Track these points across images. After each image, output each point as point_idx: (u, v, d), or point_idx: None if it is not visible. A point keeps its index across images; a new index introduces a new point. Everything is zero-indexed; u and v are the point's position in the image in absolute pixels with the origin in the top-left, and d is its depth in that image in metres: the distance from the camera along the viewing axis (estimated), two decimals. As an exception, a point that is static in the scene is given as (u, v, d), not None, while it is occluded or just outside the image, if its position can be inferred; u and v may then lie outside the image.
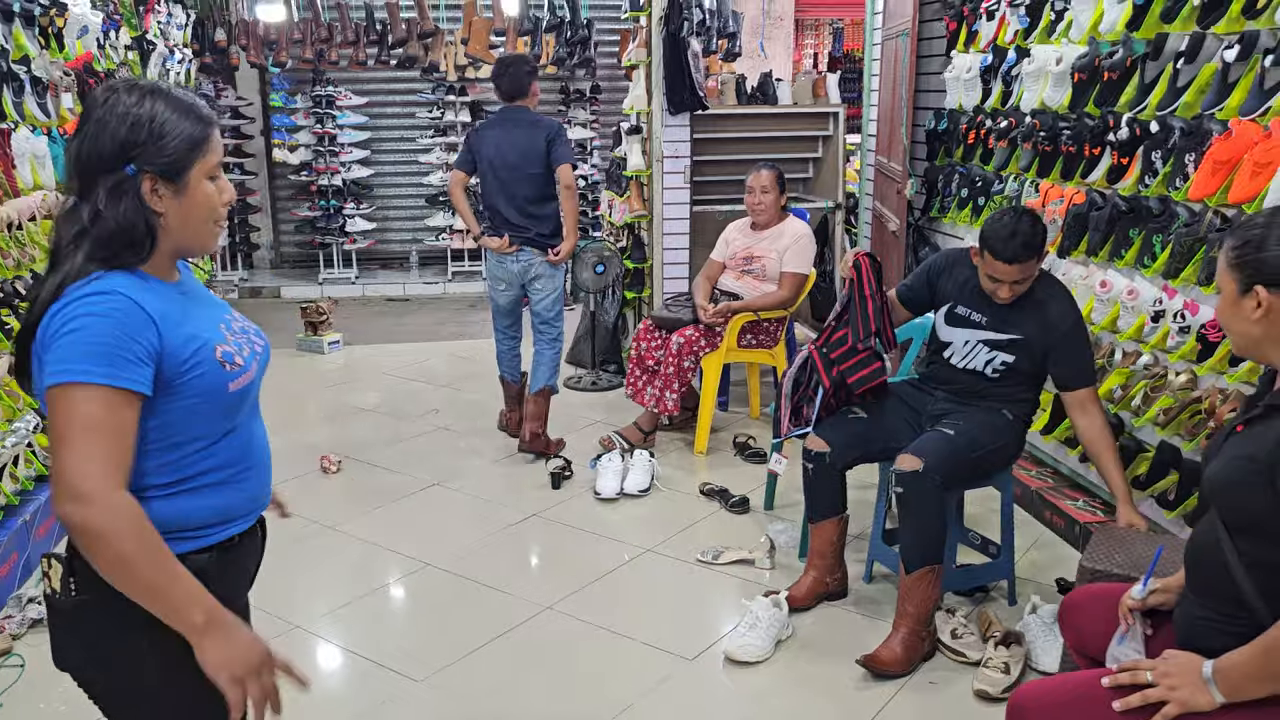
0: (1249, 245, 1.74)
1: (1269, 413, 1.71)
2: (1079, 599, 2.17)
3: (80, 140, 1.57)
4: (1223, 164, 3.03)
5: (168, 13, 6.36)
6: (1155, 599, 1.95)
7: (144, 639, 1.59)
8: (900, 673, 2.98)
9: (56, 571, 1.62)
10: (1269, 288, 1.70)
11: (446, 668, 3.07)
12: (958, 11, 4.77)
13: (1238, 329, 1.79)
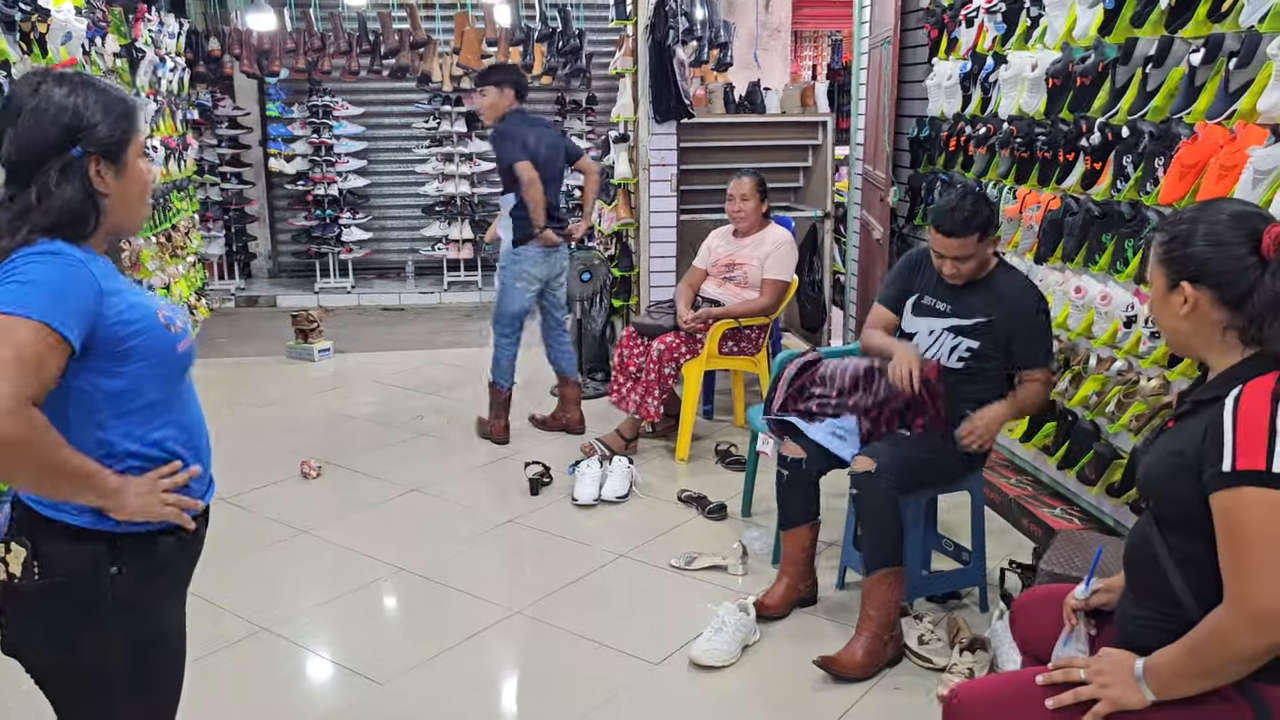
0: (1176, 240, 1.73)
1: (1196, 408, 1.70)
2: (1028, 600, 2.16)
3: (18, 130, 1.63)
4: (1190, 168, 3.03)
5: (159, 21, 6.40)
6: (1098, 599, 1.93)
7: (113, 619, 1.68)
8: (860, 676, 2.96)
9: (17, 556, 1.65)
10: (1194, 284, 1.70)
11: (411, 670, 3.06)
12: (938, 19, 4.77)
13: (1168, 324, 1.78)
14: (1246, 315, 1.66)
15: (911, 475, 3.05)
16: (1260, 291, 1.64)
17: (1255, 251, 1.65)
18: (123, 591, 1.69)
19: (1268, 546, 1.53)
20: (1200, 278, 1.69)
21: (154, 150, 5.95)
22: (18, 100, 1.64)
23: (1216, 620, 1.60)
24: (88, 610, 1.67)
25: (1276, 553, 1.53)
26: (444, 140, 9.13)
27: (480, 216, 9.23)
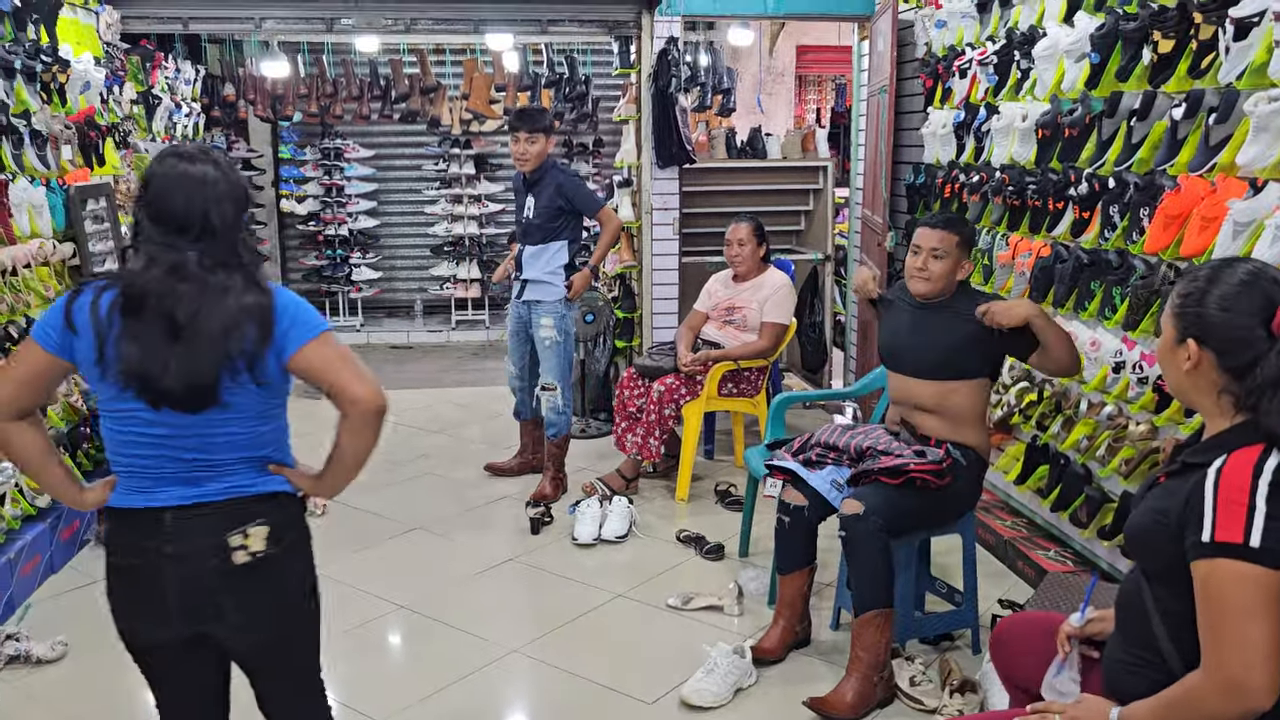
0: (1190, 298, 1.75)
1: (1185, 469, 1.74)
2: (1008, 628, 2.20)
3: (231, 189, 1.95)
4: (1174, 218, 3.11)
5: (175, 68, 6.56)
6: (1093, 627, 1.97)
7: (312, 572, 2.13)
8: (849, 717, 2.99)
9: (258, 534, 1.97)
10: (1200, 343, 1.73)
11: (408, 708, 3.11)
12: (933, 69, 4.89)
13: (1171, 376, 1.82)
14: (1246, 386, 1.68)
15: (900, 518, 3.10)
16: (1264, 366, 1.65)
17: (1266, 324, 1.67)
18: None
19: (1241, 618, 1.57)
20: (1206, 339, 1.72)
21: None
22: (218, 167, 1.95)
23: (1191, 683, 1.64)
24: (309, 566, 2.12)
25: (1248, 625, 1.56)
26: (453, 182, 9.29)
27: (488, 257, 9.36)
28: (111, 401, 1.92)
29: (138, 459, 1.95)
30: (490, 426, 6.24)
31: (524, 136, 4.68)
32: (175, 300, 1.86)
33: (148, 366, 1.85)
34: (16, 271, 4.04)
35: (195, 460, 1.94)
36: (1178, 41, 3.08)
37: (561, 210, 4.75)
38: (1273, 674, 1.57)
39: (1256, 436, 1.66)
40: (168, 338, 1.85)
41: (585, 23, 6.17)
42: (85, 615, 3.71)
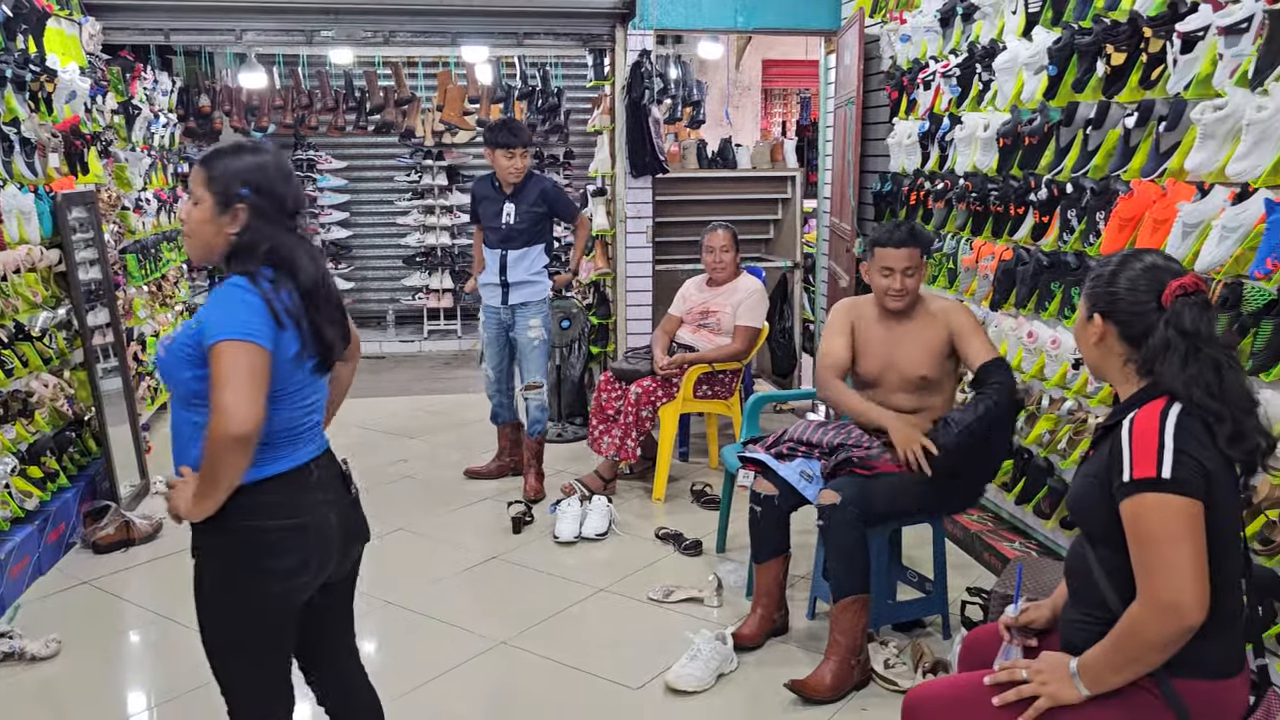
0: (1100, 278, 1.98)
1: (1105, 434, 1.93)
2: (978, 636, 2.34)
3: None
4: (1128, 221, 3.28)
5: (154, 79, 6.62)
6: (1026, 616, 2.14)
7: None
8: (828, 699, 3.13)
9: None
10: (1105, 318, 1.95)
11: (400, 698, 3.20)
12: (898, 81, 5.07)
13: (1083, 350, 2.05)
14: (1142, 353, 1.91)
15: (876, 508, 3.25)
16: (1155, 335, 1.88)
17: (1156, 300, 1.90)
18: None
19: (1166, 544, 1.75)
20: (1109, 313, 1.95)
21: (147, 203, 6.13)
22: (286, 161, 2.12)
23: (1131, 615, 1.81)
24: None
25: (1173, 550, 1.75)
26: (425, 193, 9.38)
27: (460, 267, 9.45)
28: (296, 379, 2.05)
29: (297, 426, 2.09)
30: (464, 432, 6.34)
31: (519, 152, 4.89)
32: (325, 276, 2.09)
33: (336, 338, 2.10)
34: (5, 277, 4.10)
35: (319, 416, 2.18)
36: (1129, 55, 3.26)
37: (542, 215, 4.96)
38: (1201, 591, 1.74)
39: (1158, 393, 1.87)
40: (338, 311, 2.13)
41: (560, 36, 6.31)
42: (76, 614, 3.79)
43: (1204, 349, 1.84)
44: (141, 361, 5.76)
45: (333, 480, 2.17)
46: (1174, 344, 1.84)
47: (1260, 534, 2.77)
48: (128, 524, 4.41)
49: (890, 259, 3.39)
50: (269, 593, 2.07)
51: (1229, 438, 1.81)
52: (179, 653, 3.51)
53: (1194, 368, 1.83)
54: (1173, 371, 1.84)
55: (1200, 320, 1.85)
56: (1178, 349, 1.84)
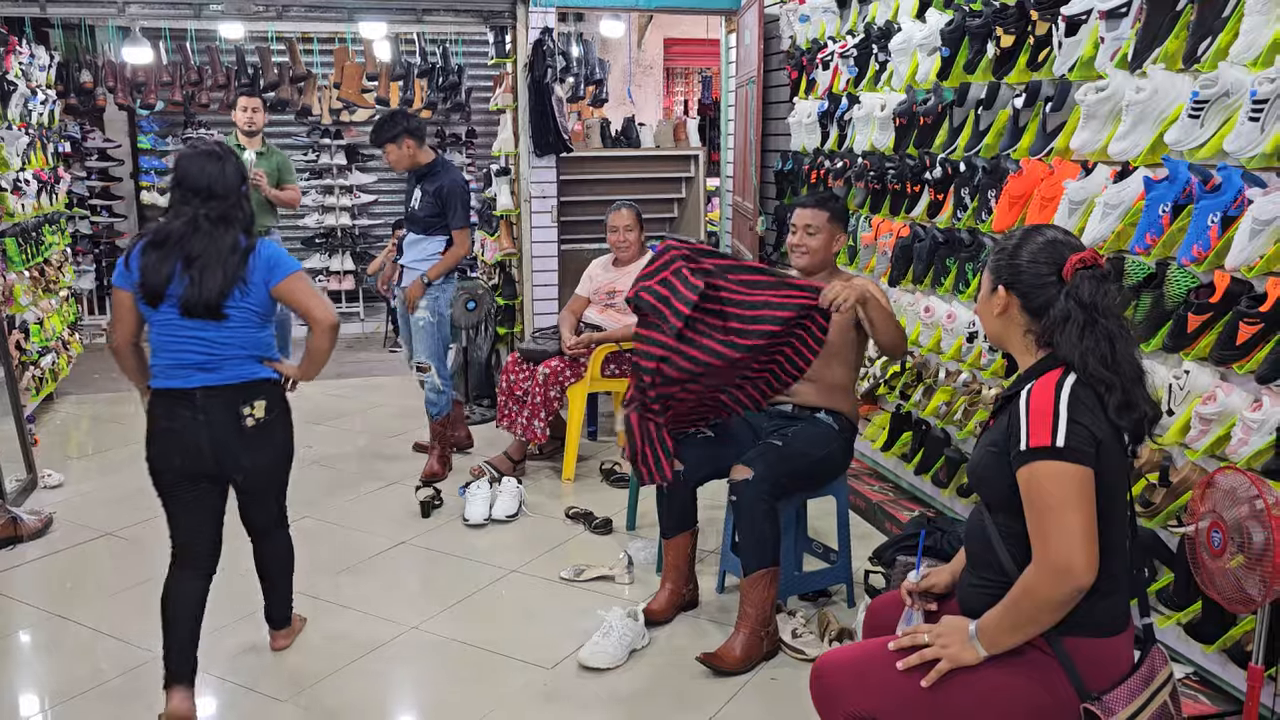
0: (1004, 252, 2.05)
1: (1004, 405, 2.01)
2: (881, 604, 2.40)
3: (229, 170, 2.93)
4: (1017, 198, 3.40)
5: (29, 54, 6.31)
6: (927, 581, 2.21)
7: (291, 431, 3.14)
8: (739, 670, 3.20)
9: (261, 405, 2.97)
10: (1008, 289, 2.02)
11: (313, 686, 3.17)
12: (798, 61, 5.14)
13: (986, 322, 2.11)
14: (1043, 324, 1.98)
15: (785, 480, 3.32)
16: (1056, 307, 1.95)
17: (1057, 273, 1.97)
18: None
19: (1059, 510, 1.83)
20: (1013, 285, 2.01)
21: (27, 184, 5.86)
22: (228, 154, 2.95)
23: (1026, 578, 1.88)
24: (287, 421, 3.10)
25: (1064, 515, 1.83)
26: (324, 173, 9.17)
27: (362, 248, 9.28)
28: (155, 315, 2.89)
29: (175, 354, 2.90)
30: (371, 416, 6.25)
31: (389, 147, 4.94)
32: (190, 242, 2.84)
33: (171, 288, 2.84)
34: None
35: (212, 355, 2.90)
36: (1018, 37, 3.37)
37: (439, 212, 4.96)
38: (1091, 554, 1.83)
39: (1055, 364, 1.95)
40: (185, 267, 2.82)
41: (461, 13, 6.22)
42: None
43: (1100, 320, 1.91)
44: (25, 350, 5.53)
45: (224, 412, 2.94)
46: (1073, 315, 1.91)
47: (1142, 496, 2.91)
48: (14, 520, 4.24)
49: (797, 217, 3.58)
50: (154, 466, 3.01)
51: (1118, 406, 1.89)
52: (72, 652, 3.41)
53: (1090, 339, 1.90)
54: (1070, 342, 1.91)
55: (1097, 292, 1.92)
56: (1076, 320, 1.91)
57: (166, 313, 2.86)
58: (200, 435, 2.91)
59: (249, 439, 2.95)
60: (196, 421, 2.90)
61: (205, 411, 2.90)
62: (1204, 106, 2.61)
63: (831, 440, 3.47)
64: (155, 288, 2.84)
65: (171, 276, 2.83)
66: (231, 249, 2.86)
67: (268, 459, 3.07)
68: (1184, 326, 2.72)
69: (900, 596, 2.24)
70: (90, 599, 3.78)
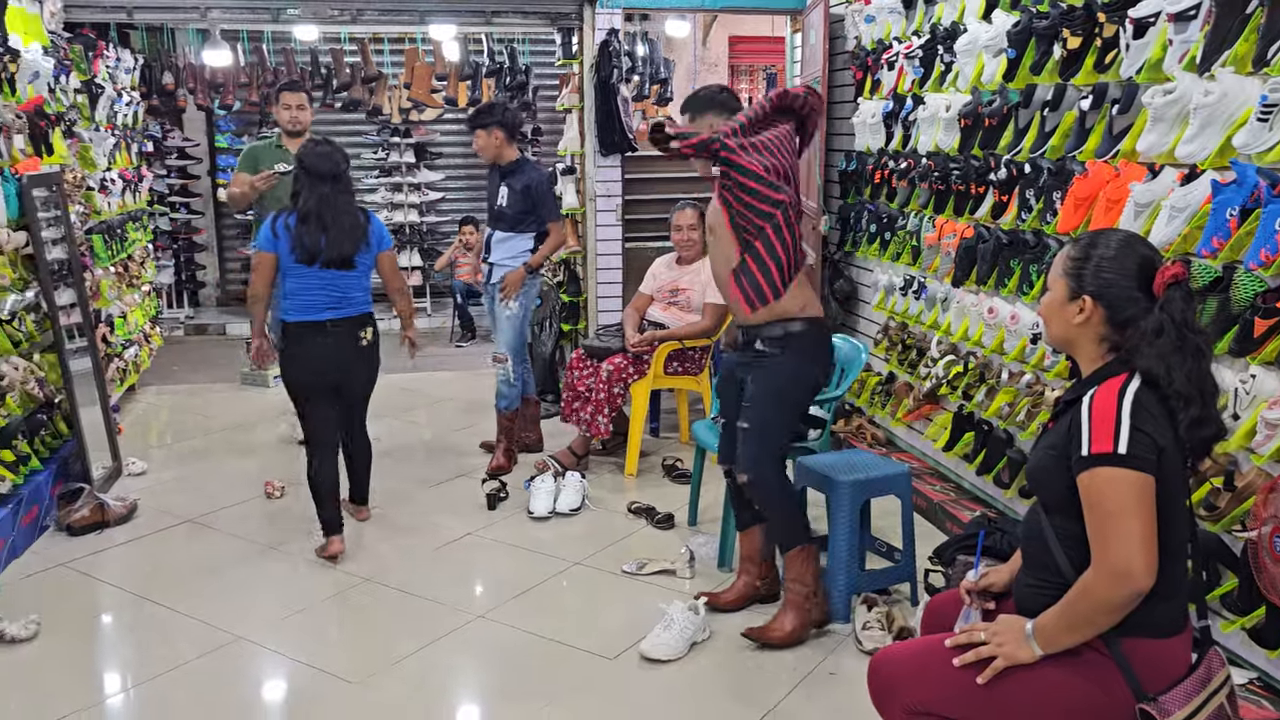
0: (1086, 261, 2.03)
1: (1066, 408, 2.03)
2: (940, 602, 2.43)
3: (342, 157, 4.15)
4: (1083, 200, 3.39)
5: (116, 57, 6.55)
6: (986, 580, 2.24)
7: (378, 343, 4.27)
8: (787, 644, 3.31)
9: (370, 331, 4.16)
10: (1095, 300, 2.01)
11: (381, 671, 3.28)
12: (863, 61, 5.14)
13: (1058, 328, 2.10)
14: (1128, 336, 1.97)
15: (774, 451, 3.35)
16: (1147, 321, 1.94)
17: (1144, 287, 1.97)
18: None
19: (1119, 516, 1.85)
20: (1099, 296, 2.00)
21: (112, 183, 6.10)
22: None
23: (1084, 580, 1.91)
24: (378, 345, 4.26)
25: (1125, 520, 1.85)
26: (393, 170, 9.36)
27: (429, 245, 9.45)
28: (298, 266, 3.98)
29: (312, 296, 4.01)
30: (438, 410, 6.39)
31: (479, 133, 5.05)
32: (327, 214, 3.97)
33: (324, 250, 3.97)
34: (-26, 260, 4.09)
35: (341, 296, 4.05)
36: (1084, 39, 3.36)
37: (528, 209, 5.05)
38: (1151, 559, 1.85)
39: (1120, 369, 1.96)
40: (326, 231, 3.96)
41: (529, 14, 6.32)
42: (53, 596, 3.82)
43: (1189, 336, 1.92)
44: (110, 343, 5.75)
45: (345, 336, 4.10)
46: (1166, 330, 1.91)
47: (1205, 500, 2.90)
48: (102, 506, 4.44)
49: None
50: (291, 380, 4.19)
51: (1192, 422, 1.90)
52: (156, 634, 3.56)
53: (1178, 355, 1.90)
54: (1158, 356, 1.91)
55: (1188, 308, 1.94)
56: (1169, 335, 1.91)
57: (310, 266, 3.95)
58: (329, 353, 4.05)
59: (362, 354, 4.13)
60: (326, 344, 4.03)
61: (333, 336, 4.04)
62: (1273, 110, 2.59)
63: (783, 371, 3.30)
64: (311, 249, 3.93)
65: (319, 240, 3.92)
66: (357, 217, 4.06)
67: (371, 369, 4.23)
68: (1250, 331, 2.71)
69: (959, 595, 2.28)
70: (172, 583, 3.94)
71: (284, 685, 3.26)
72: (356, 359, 4.13)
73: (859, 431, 5.25)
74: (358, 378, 4.19)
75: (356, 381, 4.20)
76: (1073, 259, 2.06)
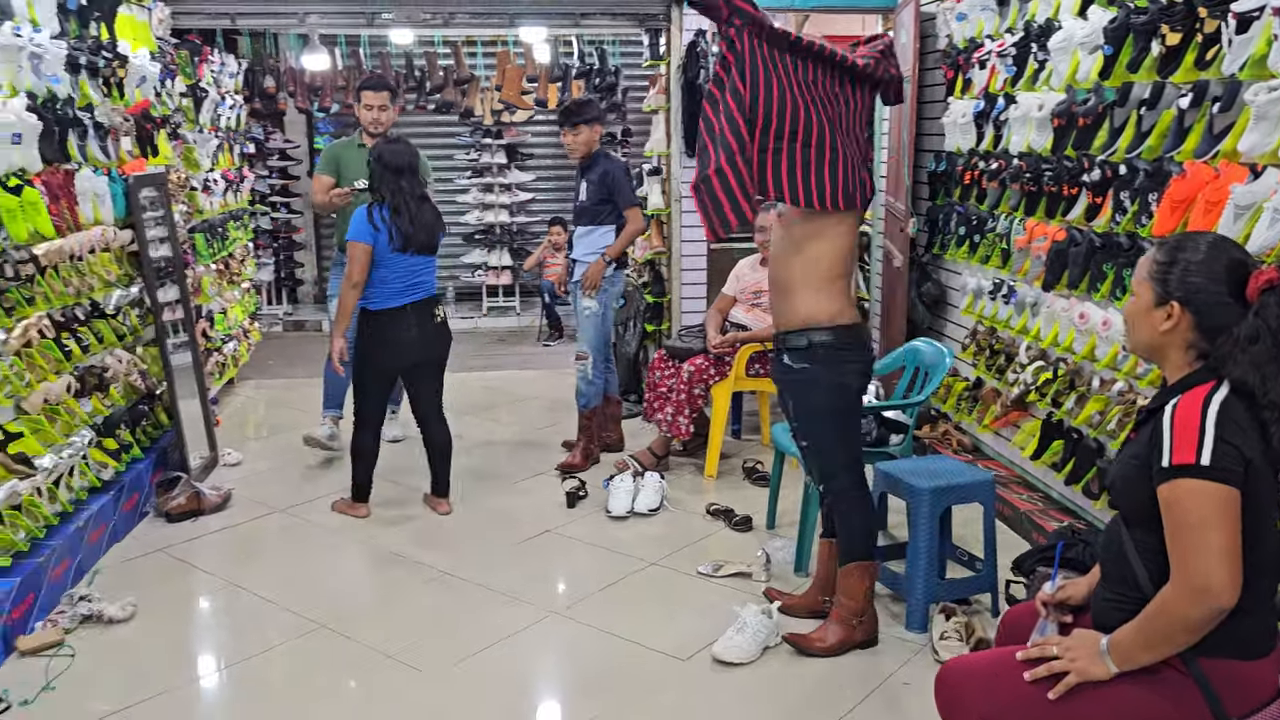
0: (1173, 265, 1.95)
1: (1148, 416, 1.95)
2: (1017, 613, 2.37)
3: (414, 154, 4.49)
4: (1180, 203, 3.26)
5: (220, 62, 6.79)
6: (1063, 593, 2.17)
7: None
8: (826, 654, 3.28)
9: (442, 310, 4.54)
10: (1183, 305, 1.93)
11: (455, 663, 3.33)
12: (954, 60, 5.04)
13: (1143, 334, 2.02)
14: (1218, 343, 1.89)
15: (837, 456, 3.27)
16: (1240, 327, 1.86)
17: (1235, 293, 1.89)
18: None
19: (1200, 529, 1.78)
20: (1188, 301, 1.93)
21: (215, 183, 6.32)
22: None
23: (1163, 595, 1.84)
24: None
25: (1206, 534, 1.77)
26: (485, 171, 9.51)
27: (519, 244, 9.57)
28: (391, 255, 4.27)
29: (398, 283, 4.32)
30: (522, 408, 6.46)
31: (567, 130, 5.06)
32: (413, 205, 4.32)
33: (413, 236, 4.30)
34: (82, 256, 4.28)
35: (420, 280, 4.39)
36: (1184, 34, 3.23)
37: (606, 197, 5.04)
38: (1233, 575, 1.77)
39: (1207, 378, 1.88)
40: (412, 221, 4.30)
41: (617, 16, 6.35)
42: (150, 579, 3.97)
43: None
44: (210, 337, 5.96)
45: (425, 317, 4.44)
46: (1261, 338, 1.83)
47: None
48: (198, 494, 4.60)
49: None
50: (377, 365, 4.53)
51: None
52: (247, 619, 3.68)
53: (1275, 364, 1.82)
54: (1251, 365, 1.84)
55: None
56: (1265, 343, 1.83)
57: (404, 254, 4.29)
58: (412, 333, 4.36)
59: (439, 332, 4.49)
60: (409, 327, 4.35)
61: (415, 317, 4.36)
62: (1385, 107, 2.46)
63: (815, 386, 3.16)
64: (407, 236, 4.26)
65: (410, 228, 4.26)
66: (434, 206, 4.46)
67: (446, 346, 4.57)
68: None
69: (1035, 607, 2.21)
70: (263, 570, 4.07)
71: (362, 673, 3.33)
72: (435, 338, 4.45)
73: (945, 438, 5.14)
74: (435, 354, 4.50)
75: (434, 359, 4.50)
76: (1158, 263, 1.98)
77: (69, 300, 4.12)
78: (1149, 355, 2.06)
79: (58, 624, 3.51)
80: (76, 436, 4.08)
